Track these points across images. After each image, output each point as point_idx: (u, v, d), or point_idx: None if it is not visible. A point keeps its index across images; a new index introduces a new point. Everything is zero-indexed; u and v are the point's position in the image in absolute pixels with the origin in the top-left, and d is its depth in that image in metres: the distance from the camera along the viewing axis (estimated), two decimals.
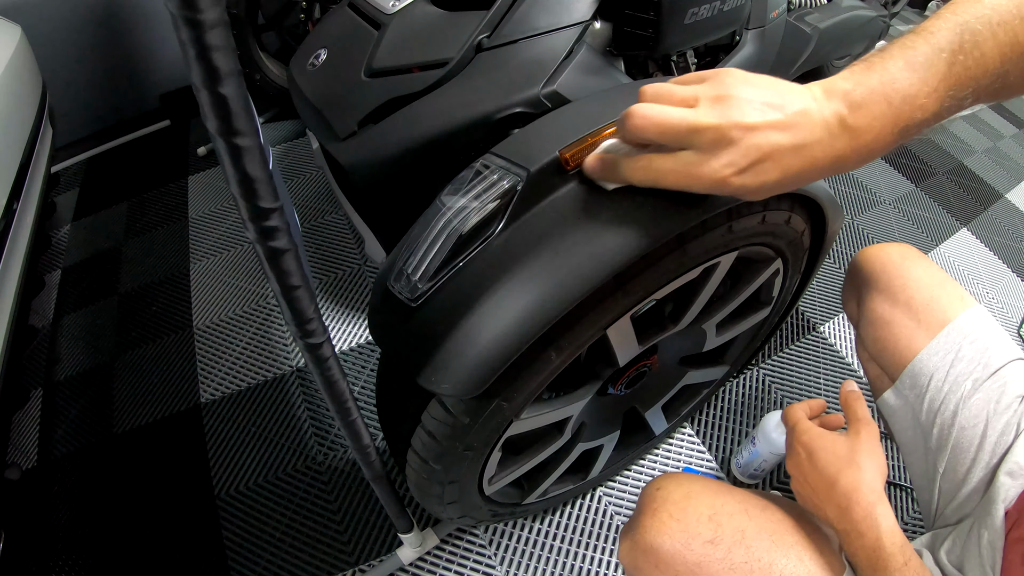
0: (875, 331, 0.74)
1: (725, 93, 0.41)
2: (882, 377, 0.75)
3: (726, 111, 0.40)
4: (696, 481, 0.61)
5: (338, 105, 1.05)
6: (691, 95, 0.42)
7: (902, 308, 0.72)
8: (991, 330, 0.68)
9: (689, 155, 0.41)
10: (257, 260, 0.76)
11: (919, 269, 0.74)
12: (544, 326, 0.54)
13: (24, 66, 1.33)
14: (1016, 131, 2.43)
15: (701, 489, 0.59)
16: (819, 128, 0.40)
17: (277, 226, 0.39)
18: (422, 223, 0.60)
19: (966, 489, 0.63)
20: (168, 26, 1.38)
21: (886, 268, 0.76)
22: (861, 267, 0.79)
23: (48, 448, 1.23)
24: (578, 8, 0.99)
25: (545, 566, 1.00)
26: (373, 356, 1.31)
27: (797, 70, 1.67)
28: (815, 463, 0.54)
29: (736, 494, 0.60)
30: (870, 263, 0.78)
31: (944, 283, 0.73)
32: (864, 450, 0.53)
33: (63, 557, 1.05)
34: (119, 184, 1.90)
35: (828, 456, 0.54)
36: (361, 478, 1.11)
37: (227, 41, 0.29)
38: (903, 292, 0.73)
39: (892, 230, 1.72)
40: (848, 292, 0.84)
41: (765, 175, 0.40)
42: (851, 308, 0.83)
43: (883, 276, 0.75)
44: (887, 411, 0.74)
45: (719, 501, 0.58)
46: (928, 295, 0.71)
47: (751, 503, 0.59)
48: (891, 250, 0.78)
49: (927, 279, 0.73)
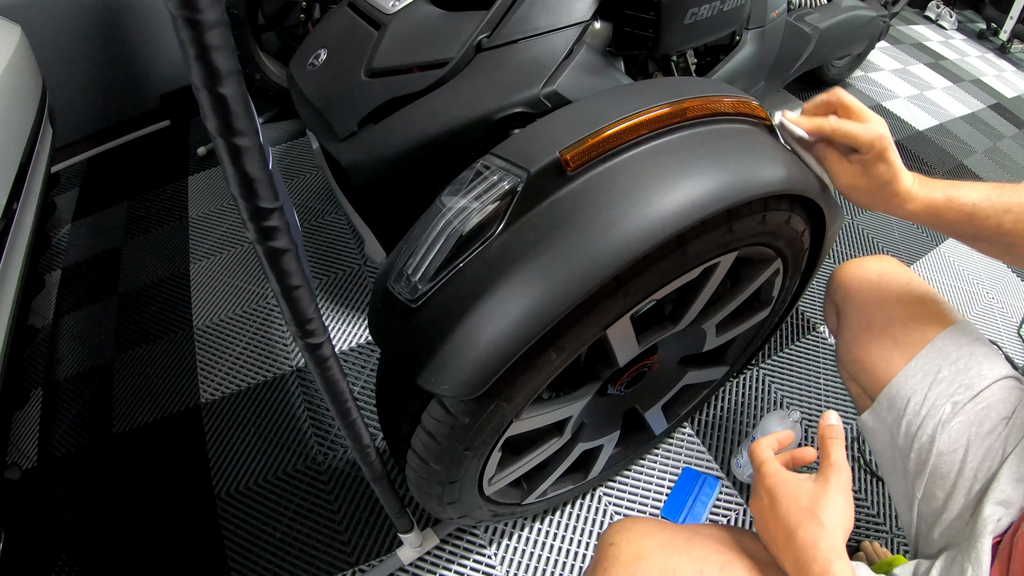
0: (853, 351, 0.73)
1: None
2: (862, 396, 0.73)
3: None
4: (650, 537, 0.56)
5: (338, 105, 1.05)
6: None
7: (879, 328, 0.70)
8: (974, 348, 0.65)
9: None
10: (257, 260, 0.76)
11: (897, 286, 0.73)
12: (544, 327, 0.54)
13: (24, 66, 1.33)
14: (1016, 131, 2.43)
15: (653, 549, 0.55)
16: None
17: (277, 226, 0.39)
18: (422, 224, 0.60)
19: (947, 516, 0.61)
20: (168, 26, 1.38)
21: (863, 286, 0.74)
22: (839, 284, 0.78)
23: (48, 448, 1.23)
24: (578, 8, 0.99)
25: (545, 566, 1.00)
26: (373, 356, 1.31)
27: (797, 70, 1.67)
28: (776, 510, 0.50)
29: (692, 552, 0.54)
30: (847, 280, 0.76)
31: (924, 300, 0.71)
32: (829, 500, 0.49)
33: (63, 557, 1.05)
34: (119, 184, 1.90)
35: (789, 505, 0.50)
36: (361, 478, 1.11)
37: (227, 41, 0.29)
38: (881, 311, 0.71)
39: (892, 230, 1.72)
40: (828, 307, 0.82)
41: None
42: (831, 322, 0.82)
43: (860, 294, 0.74)
44: (866, 432, 0.72)
45: (672, 564, 0.53)
46: (905, 314, 0.70)
47: (708, 563, 0.54)
48: (869, 267, 0.76)
49: (906, 297, 0.71)
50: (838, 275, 0.78)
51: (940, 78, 2.70)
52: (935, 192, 0.61)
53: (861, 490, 1.10)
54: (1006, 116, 2.53)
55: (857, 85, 2.42)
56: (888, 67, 2.67)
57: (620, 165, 0.58)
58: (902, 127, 2.21)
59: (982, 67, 2.98)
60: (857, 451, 1.14)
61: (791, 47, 1.53)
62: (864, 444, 1.15)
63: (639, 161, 0.58)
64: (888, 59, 2.75)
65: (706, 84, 0.72)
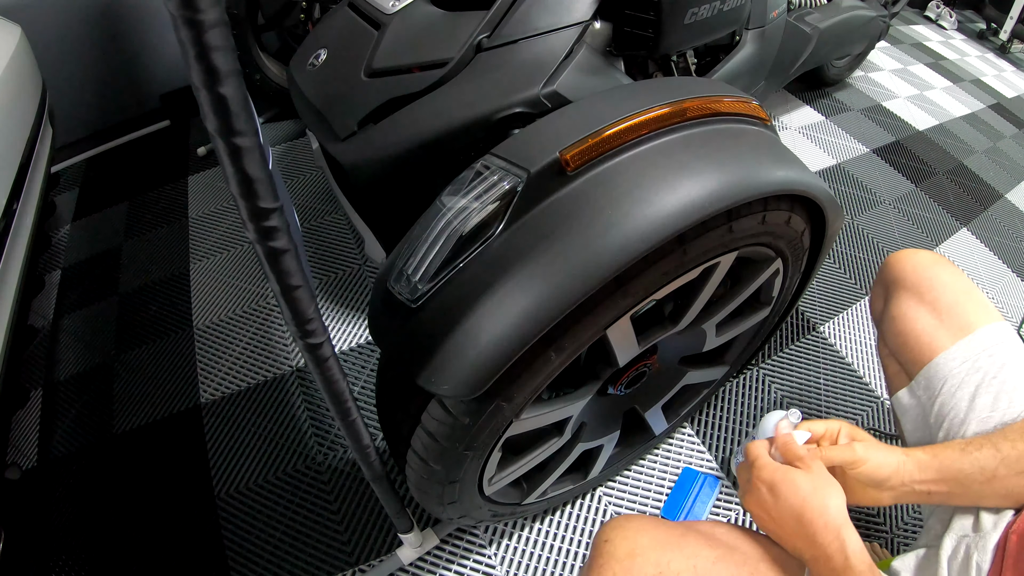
0: (897, 326, 0.76)
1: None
2: (900, 374, 0.76)
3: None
4: (644, 533, 0.59)
5: (338, 105, 1.05)
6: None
7: (927, 307, 0.74)
8: (1013, 348, 0.68)
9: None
10: (257, 260, 0.76)
11: (947, 274, 0.76)
12: (544, 327, 0.54)
13: (24, 66, 1.33)
14: (1016, 131, 2.43)
15: (648, 545, 0.57)
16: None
17: (277, 226, 0.39)
18: (422, 224, 0.60)
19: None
20: (168, 26, 1.38)
21: (916, 269, 0.78)
22: (891, 267, 0.81)
23: (48, 448, 1.23)
24: (578, 8, 0.99)
25: (545, 566, 1.00)
26: (373, 356, 1.31)
27: (797, 70, 1.67)
28: (778, 496, 0.54)
29: (686, 547, 0.57)
30: (900, 264, 0.80)
31: (971, 292, 0.74)
32: (823, 479, 0.54)
33: (63, 557, 1.05)
34: (119, 184, 1.90)
35: (791, 487, 0.53)
36: (361, 478, 1.11)
37: (227, 41, 0.29)
38: (929, 292, 0.74)
39: (892, 230, 1.72)
40: (876, 291, 0.86)
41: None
42: (877, 306, 0.85)
43: (912, 276, 0.77)
44: (900, 409, 0.75)
45: (666, 559, 0.56)
46: (953, 299, 0.73)
47: (701, 558, 0.56)
48: (923, 254, 0.80)
49: (954, 284, 0.75)
50: (891, 259, 0.82)
51: (940, 78, 2.70)
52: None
53: None
54: (1006, 116, 2.53)
55: (857, 85, 2.42)
56: (888, 67, 2.67)
57: (620, 165, 0.58)
58: (902, 127, 2.21)
59: (982, 67, 2.98)
60: None
61: (791, 47, 1.53)
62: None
63: (639, 161, 0.58)
64: (888, 59, 2.75)
65: (706, 84, 0.72)
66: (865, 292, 1.50)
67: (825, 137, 2.07)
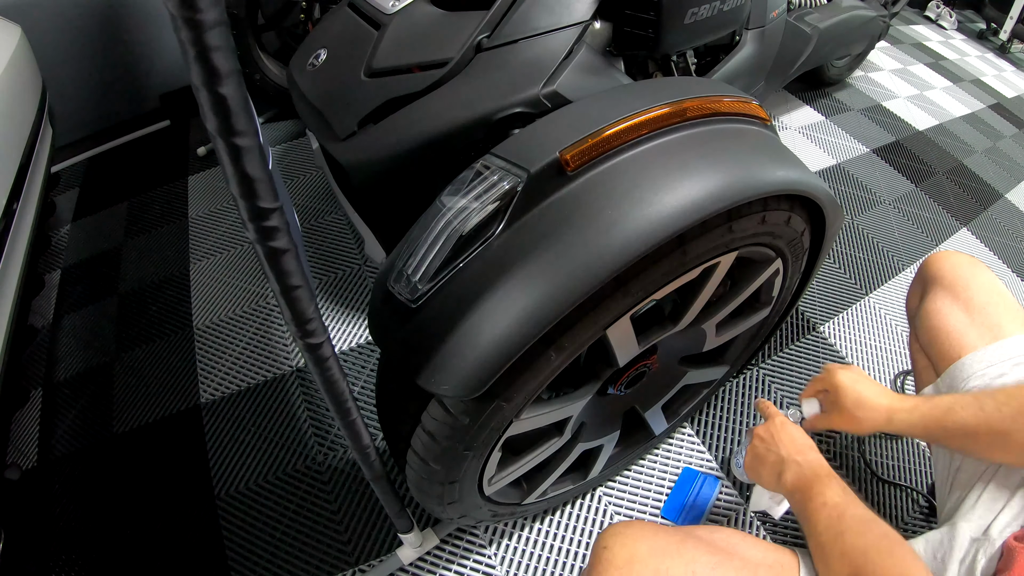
0: (930, 320, 0.79)
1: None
2: (928, 370, 0.79)
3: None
4: (643, 540, 0.59)
5: (338, 105, 1.05)
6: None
7: (961, 304, 0.77)
8: None
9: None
10: (257, 260, 0.76)
11: (984, 276, 0.79)
12: (544, 327, 0.54)
13: (24, 66, 1.33)
14: (1016, 131, 2.43)
15: (647, 551, 0.58)
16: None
17: (277, 226, 0.39)
18: (422, 224, 0.60)
19: (977, 493, 0.65)
20: (168, 26, 1.38)
21: (953, 268, 0.81)
22: (931, 265, 0.84)
23: (48, 448, 1.23)
24: (578, 8, 0.99)
25: (545, 566, 1.00)
26: (373, 356, 1.31)
27: (797, 70, 1.67)
28: (781, 439, 0.67)
29: (684, 554, 0.58)
30: (940, 263, 0.83)
31: (1004, 296, 0.77)
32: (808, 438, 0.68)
33: (63, 557, 1.05)
34: (119, 184, 1.90)
35: (794, 434, 0.68)
36: (361, 478, 1.11)
37: (227, 41, 0.29)
38: (965, 291, 0.77)
39: (892, 230, 1.72)
40: (914, 288, 0.89)
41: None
42: (913, 302, 0.88)
43: (949, 275, 0.80)
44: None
45: (664, 565, 0.57)
46: (987, 299, 0.76)
47: (700, 563, 0.57)
48: (962, 256, 0.84)
49: (989, 286, 0.78)
50: (931, 259, 0.85)
51: (940, 78, 2.70)
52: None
53: (862, 490, 1.10)
54: (1006, 116, 2.53)
55: (857, 85, 2.42)
56: (888, 67, 2.67)
57: (620, 165, 0.58)
58: (902, 127, 2.21)
59: (982, 67, 2.98)
60: (857, 451, 1.14)
61: (791, 47, 1.53)
62: (864, 445, 1.15)
63: (639, 161, 0.58)
64: (888, 59, 2.75)
65: (706, 84, 0.72)
66: (865, 292, 1.50)
67: (825, 137, 2.07)
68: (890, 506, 1.09)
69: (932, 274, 0.83)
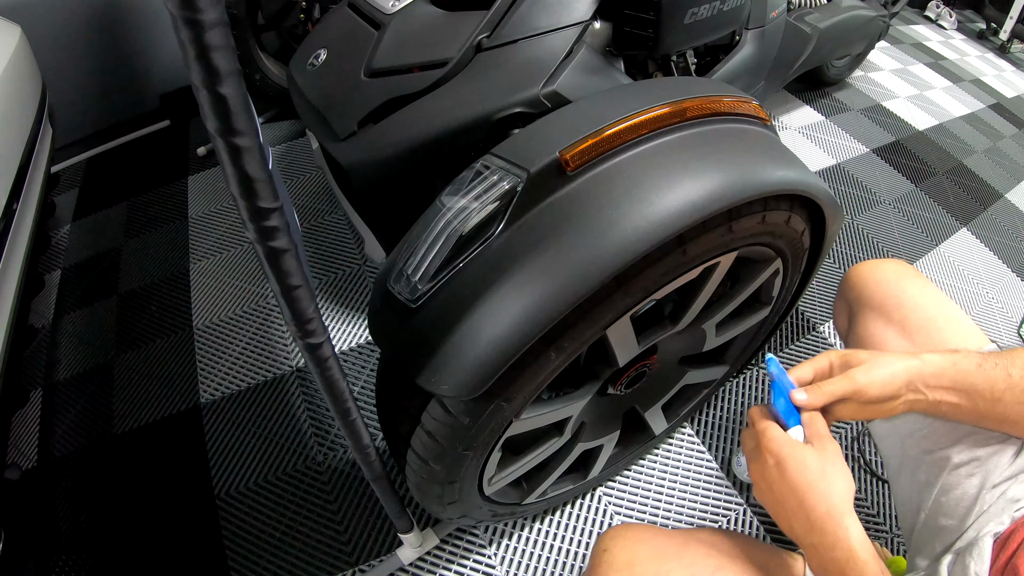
0: (865, 348, 0.70)
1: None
2: None
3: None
4: (643, 543, 0.58)
5: (338, 105, 1.05)
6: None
7: (896, 327, 0.69)
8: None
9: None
10: (257, 260, 0.76)
11: (915, 289, 0.71)
12: (544, 327, 0.54)
13: (24, 66, 1.33)
14: (1016, 131, 2.43)
15: (647, 555, 0.57)
16: None
17: (277, 226, 0.39)
18: (422, 224, 0.60)
19: (952, 525, 0.60)
20: (168, 26, 1.38)
21: (880, 285, 0.73)
22: (853, 282, 0.76)
23: (48, 448, 1.23)
24: (578, 8, 0.99)
25: (545, 566, 1.00)
26: (373, 356, 1.31)
27: (797, 70, 1.67)
28: (784, 473, 0.50)
29: (685, 557, 0.56)
30: (863, 279, 0.75)
31: (941, 307, 0.70)
32: (833, 466, 0.50)
33: (63, 557, 1.05)
34: (119, 184, 1.90)
35: (798, 466, 0.49)
36: (361, 478, 1.11)
37: (227, 41, 0.29)
38: (897, 311, 0.70)
39: (892, 230, 1.72)
40: (839, 306, 0.81)
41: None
42: (841, 323, 0.80)
43: (877, 294, 0.73)
44: (876, 436, 0.72)
45: (664, 569, 0.55)
46: (924, 316, 0.69)
47: (700, 567, 0.56)
48: (886, 268, 0.75)
49: (923, 300, 0.70)
50: (854, 275, 0.77)
51: (940, 78, 2.70)
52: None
53: (861, 490, 1.10)
54: (1006, 116, 2.53)
55: (857, 85, 2.42)
56: (888, 67, 2.67)
57: (620, 165, 0.58)
58: (902, 127, 2.21)
59: (982, 67, 2.98)
60: (857, 451, 1.14)
61: (791, 47, 1.53)
62: (864, 444, 1.15)
63: (639, 161, 0.58)
64: (888, 59, 2.75)
65: (706, 84, 0.72)
66: None
67: (825, 137, 2.07)
68: (890, 506, 1.09)
69: (857, 294, 0.74)
